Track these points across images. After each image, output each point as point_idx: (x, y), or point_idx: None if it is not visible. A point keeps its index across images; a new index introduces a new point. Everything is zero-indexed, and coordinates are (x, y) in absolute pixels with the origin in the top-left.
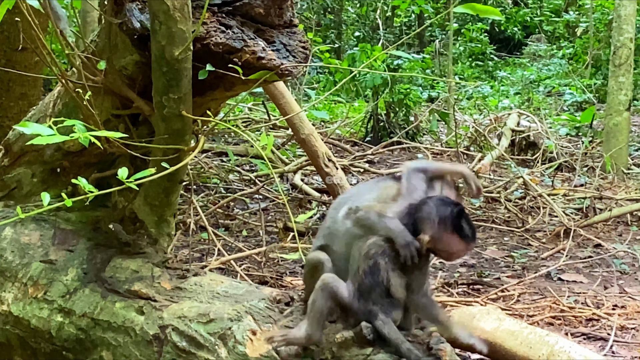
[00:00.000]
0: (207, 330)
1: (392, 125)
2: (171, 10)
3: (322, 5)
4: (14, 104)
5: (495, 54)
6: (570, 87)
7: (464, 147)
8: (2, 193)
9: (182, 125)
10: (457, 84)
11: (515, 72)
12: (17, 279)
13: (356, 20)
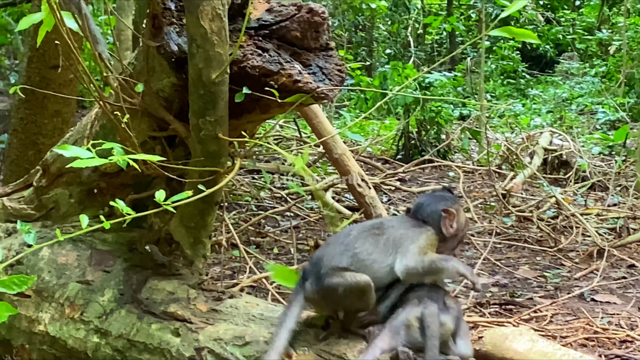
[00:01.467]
0: (243, 353)
1: (424, 143)
2: (209, 34)
3: (354, 23)
4: (48, 121)
5: (527, 71)
6: (603, 106)
7: (496, 166)
8: (40, 213)
9: (218, 148)
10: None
11: (548, 90)
12: (54, 299)
13: (387, 37)
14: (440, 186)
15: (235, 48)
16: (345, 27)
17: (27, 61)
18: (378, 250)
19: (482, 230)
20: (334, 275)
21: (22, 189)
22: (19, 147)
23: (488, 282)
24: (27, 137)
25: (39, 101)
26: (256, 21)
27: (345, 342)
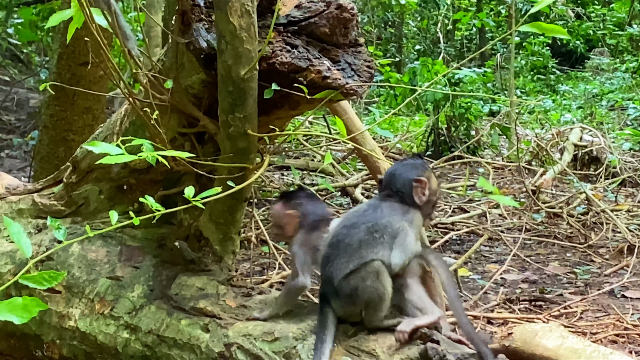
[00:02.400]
0: (272, 349)
1: (453, 139)
2: (238, 30)
3: (383, 19)
4: (78, 118)
5: (557, 67)
6: (633, 101)
7: (526, 162)
8: (70, 209)
9: (247, 144)
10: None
11: (578, 86)
12: (84, 295)
13: (417, 33)
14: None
15: (264, 44)
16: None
17: (57, 58)
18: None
19: (512, 227)
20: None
21: (52, 186)
22: (49, 143)
23: (518, 278)
24: (57, 133)
25: (69, 98)
26: (285, 17)
27: (374, 338)
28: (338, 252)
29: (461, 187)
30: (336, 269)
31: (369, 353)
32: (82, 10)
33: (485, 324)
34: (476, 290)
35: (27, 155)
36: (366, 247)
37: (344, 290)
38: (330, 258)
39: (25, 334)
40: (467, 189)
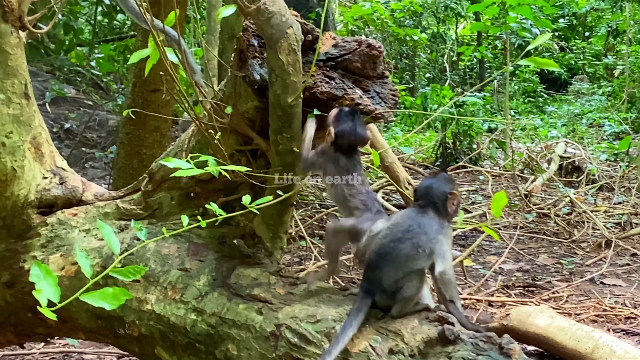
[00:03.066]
0: (315, 329)
1: (458, 151)
2: (285, 66)
3: (399, 52)
4: (149, 135)
5: (545, 91)
6: (609, 120)
7: (519, 171)
8: (147, 213)
9: (293, 159)
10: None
11: (562, 107)
12: (159, 284)
13: (427, 64)
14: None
15: (307, 77)
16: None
17: (131, 86)
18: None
19: (508, 225)
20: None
21: (132, 193)
22: (125, 156)
23: (514, 268)
24: (131, 148)
25: (142, 119)
26: (324, 54)
27: (399, 321)
28: (387, 263)
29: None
30: (386, 275)
31: (395, 333)
32: (158, 49)
33: (487, 306)
34: (478, 278)
35: (107, 166)
36: (412, 260)
37: (391, 288)
38: (379, 266)
39: (110, 315)
40: (469, 193)
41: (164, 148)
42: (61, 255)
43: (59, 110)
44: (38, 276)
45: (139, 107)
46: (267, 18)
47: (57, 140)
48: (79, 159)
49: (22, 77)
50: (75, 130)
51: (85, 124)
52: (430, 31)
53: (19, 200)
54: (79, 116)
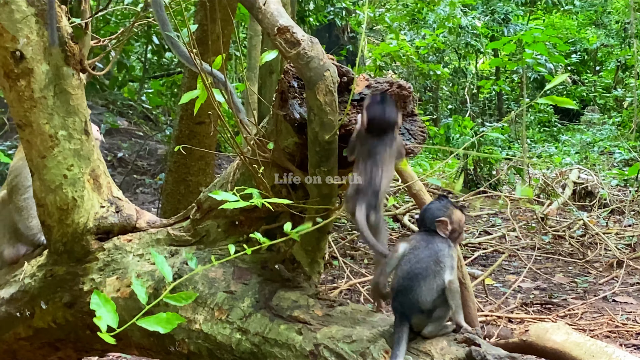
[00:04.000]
0: (351, 349)
1: (479, 177)
2: (323, 105)
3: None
4: (195, 163)
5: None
6: (619, 148)
7: (536, 195)
8: (195, 239)
9: (330, 191)
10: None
11: (575, 136)
12: (206, 305)
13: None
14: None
15: (343, 116)
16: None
17: (179, 119)
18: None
19: (526, 246)
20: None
21: (182, 221)
22: (173, 183)
23: (531, 286)
24: (179, 175)
25: (188, 149)
26: (358, 95)
27: (429, 342)
28: (419, 284)
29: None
30: (422, 295)
31: (426, 353)
32: (207, 90)
33: (507, 323)
34: (499, 296)
35: (156, 191)
36: (437, 275)
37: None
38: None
39: (162, 334)
40: (489, 216)
41: (209, 175)
42: (117, 278)
43: (112, 141)
44: (98, 304)
45: (186, 138)
46: (306, 62)
47: (111, 168)
48: (130, 185)
49: (82, 115)
50: (127, 159)
51: (136, 153)
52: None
53: (79, 227)
54: (131, 146)
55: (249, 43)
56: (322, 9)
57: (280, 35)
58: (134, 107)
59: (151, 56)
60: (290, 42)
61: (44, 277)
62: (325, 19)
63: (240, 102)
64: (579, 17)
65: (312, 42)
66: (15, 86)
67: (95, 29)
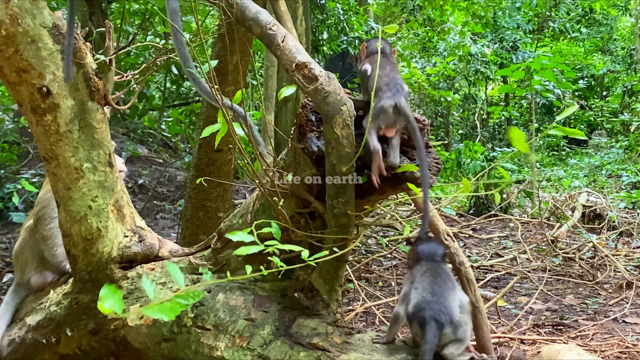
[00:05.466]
0: None
1: (490, 201)
2: (340, 139)
3: (434, 111)
4: (213, 190)
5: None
6: (626, 171)
7: (546, 218)
8: (216, 268)
9: (347, 221)
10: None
11: (583, 159)
12: (228, 332)
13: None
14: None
15: (360, 149)
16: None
17: (197, 147)
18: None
19: (537, 268)
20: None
21: (202, 250)
22: (192, 209)
23: (543, 308)
24: (198, 201)
25: (206, 175)
26: None
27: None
28: (443, 293)
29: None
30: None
31: None
32: (228, 125)
33: (520, 344)
34: (510, 317)
35: (176, 217)
36: (455, 290)
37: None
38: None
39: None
40: (500, 238)
41: (227, 201)
42: (140, 306)
43: (133, 168)
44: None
45: (205, 165)
46: (323, 97)
47: (132, 194)
48: (151, 211)
49: (106, 147)
50: (147, 185)
51: (156, 180)
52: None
53: (103, 256)
54: (151, 173)
55: (265, 73)
56: (336, 38)
57: (298, 71)
58: (153, 135)
59: (170, 85)
60: (308, 78)
61: (70, 305)
62: (339, 48)
63: (259, 135)
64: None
65: (329, 78)
66: (42, 121)
67: (117, 60)
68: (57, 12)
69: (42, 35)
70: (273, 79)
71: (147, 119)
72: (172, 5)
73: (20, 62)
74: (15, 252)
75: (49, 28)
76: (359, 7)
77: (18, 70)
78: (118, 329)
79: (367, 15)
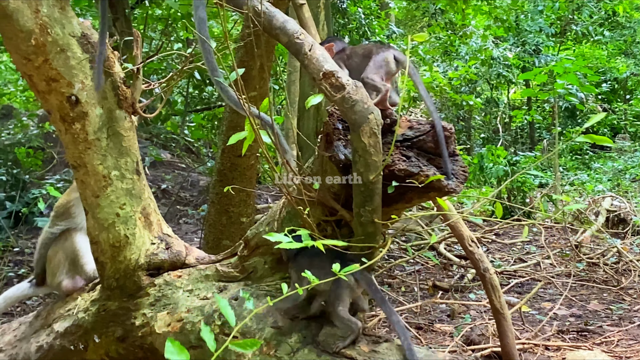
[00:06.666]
0: None
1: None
2: (368, 147)
3: (456, 115)
4: (236, 195)
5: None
6: None
7: (569, 223)
8: (243, 275)
9: (374, 229)
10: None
11: (607, 163)
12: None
13: (482, 125)
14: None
15: (387, 157)
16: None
17: (220, 152)
18: None
19: (560, 273)
20: None
21: (229, 257)
22: (215, 214)
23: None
24: (221, 206)
25: (229, 180)
26: (401, 136)
27: None
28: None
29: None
30: None
31: None
32: (255, 133)
33: (544, 350)
34: (534, 323)
35: (199, 222)
36: None
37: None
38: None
39: None
40: (524, 244)
41: (250, 206)
42: (167, 313)
43: (156, 173)
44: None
45: (227, 170)
46: (350, 105)
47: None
48: (174, 216)
49: (133, 155)
50: (170, 190)
51: (179, 185)
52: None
53: (131, 263)
54: (174, 178)
55: (288, 78)
56: (357, 42)
57: (325, 80)
58: (176, 140)
59: (192, 90)
60: (335, 87)
61: (97, 312)
62: None
63: (286, 143)
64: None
65: (357, 86)
66: (70, 129)
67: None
68: (86, 22)
69: (71, 44)
70: (296, 84)
71: (169, 124)
72: (200, 15)
73: (50, 71)
74: (48, 255)
75: (78, 37)
76: (380, 11)
77: (47, 79)
78: (145, 336)
79: (388, 19)
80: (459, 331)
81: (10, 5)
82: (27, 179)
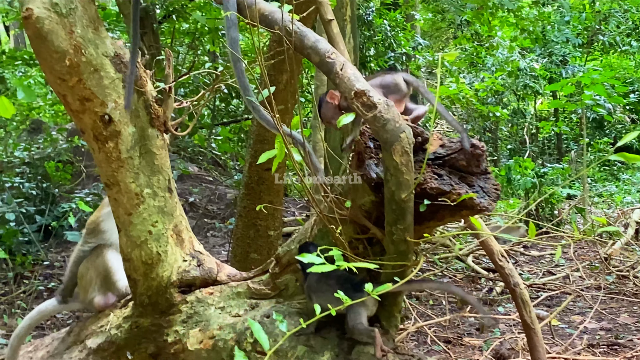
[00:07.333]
0: None
1: (541, 218)
2: (399, 166)
3: (483, 127)
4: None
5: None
6: None
7: (598, 235)
8: (274, 293)
9: (406, 248)
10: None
11: (635, 174)
12: (287, 358)
13: (508, 136)
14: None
15: (420, 175)
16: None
17: (248, 165)
18: None
19: (590, 286)
20: None
21: (260, 275)
22: (242, 227)
23: (597, 327)
24: (248, 220)
25: (257, 193)
26: (433, 154)
27: None
28: None
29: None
30: None
31: None
32: (286, 149)
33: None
34: (564, 337)
35: (226, 235)
36: None
37: None
38: None
39: None
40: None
41: (277, 219)
42: (200, 330)
43: (184, 186)
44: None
45: (255, 183)
46: (382, 124)
47: None
48: (201, 229)
49: (165, 173)
50: (198, 203)
51: (207, 198)
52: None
53: (163, 280)
54: (202, 191)
55: (315, 92)
56: (383, 54)
57: (357, 99)
58: (203, 154)
59: (219, 103)
60: (367, 105)
61: (130, 329)
62: (386, 64)
63: (317, 161)
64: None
65: (388, 105)
66: (103, 148)
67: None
68: (119, 41)
69: (104, 64)
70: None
71: (197, 137)
72: (232, 35)
73: (84, 91)
74: (80, 271)
75: (111, 57)
76: (405, 22)
77: (81, 99)
78: (178, 353)
79: (414, 31)
80: (488, 345)
81: (45, 26)
82: (56, 193)
